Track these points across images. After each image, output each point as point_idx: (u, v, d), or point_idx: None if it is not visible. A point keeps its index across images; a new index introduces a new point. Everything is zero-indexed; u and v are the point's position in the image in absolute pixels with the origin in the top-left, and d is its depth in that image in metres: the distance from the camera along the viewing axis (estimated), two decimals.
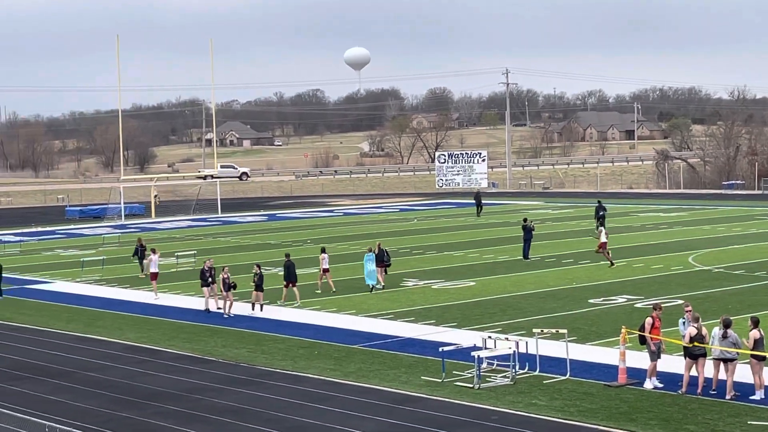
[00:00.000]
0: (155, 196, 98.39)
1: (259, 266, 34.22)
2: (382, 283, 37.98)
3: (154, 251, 39.54)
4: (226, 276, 33.14)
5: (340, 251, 49.76)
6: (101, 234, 64.39)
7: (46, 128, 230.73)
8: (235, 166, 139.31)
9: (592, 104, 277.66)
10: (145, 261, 42.41)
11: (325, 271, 37.73)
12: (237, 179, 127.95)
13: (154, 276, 38.42)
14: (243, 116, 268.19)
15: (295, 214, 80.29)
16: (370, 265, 37.46)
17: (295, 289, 35.26)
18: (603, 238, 42.53)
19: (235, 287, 33.55)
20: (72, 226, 74.62)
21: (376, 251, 37.89)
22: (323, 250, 38.28)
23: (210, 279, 34.18)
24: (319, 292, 37.23)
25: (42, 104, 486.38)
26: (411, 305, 34.30)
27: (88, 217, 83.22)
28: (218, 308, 34.12)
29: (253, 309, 33.89)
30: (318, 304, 34.90)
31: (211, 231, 67.02)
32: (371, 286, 37.36)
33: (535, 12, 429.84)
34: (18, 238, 64.41)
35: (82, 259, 47.80)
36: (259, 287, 33.74)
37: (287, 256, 35.76)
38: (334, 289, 37.41)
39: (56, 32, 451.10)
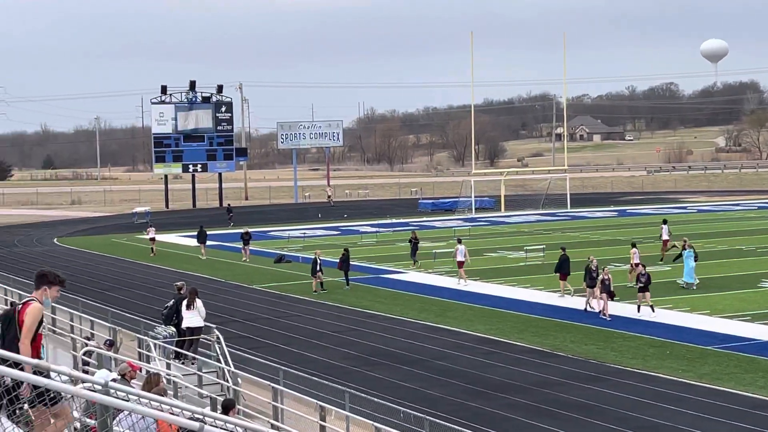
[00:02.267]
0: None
1: (644, 266, 33.37)
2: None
3: (459, 241, 42.14)
4: (606, 277, 32.10)
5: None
6: (452, 227, 65.75)
7: (401, 123, 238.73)
8: None
9: None
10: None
11: (636, 265, 36.90)
12: None
13: (461, 264, 40.40)
14: (593, 110, 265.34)
15: (645, 210, 78.69)
16: (691, 262, 36.59)
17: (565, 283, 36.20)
18: (665, 236, 45.01)
19: (613, 296, 32.25)
20: (424, 219, 76.77)
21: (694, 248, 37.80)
22: (633, 245, 38.61)
23: (596, 276, 32.93)
24: (632, 286, 36.33)
25: (397, 100, 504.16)
26: None
27: (439, 209, 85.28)
28: (591, 308, 33.17)
29: (638, 311, 32.19)
30: (670, 303, 33.97)
31: (559, 226, 66.88)
32: (691, 285, 36.47)
33: None
34: (374, 229, 66.97)
35: (434, 251, 49.03)
36: (644, 288, 31.94)
37: (563, 249, 36.96)
38: (630, 285, 36.41)
39: (413, 29, 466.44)
